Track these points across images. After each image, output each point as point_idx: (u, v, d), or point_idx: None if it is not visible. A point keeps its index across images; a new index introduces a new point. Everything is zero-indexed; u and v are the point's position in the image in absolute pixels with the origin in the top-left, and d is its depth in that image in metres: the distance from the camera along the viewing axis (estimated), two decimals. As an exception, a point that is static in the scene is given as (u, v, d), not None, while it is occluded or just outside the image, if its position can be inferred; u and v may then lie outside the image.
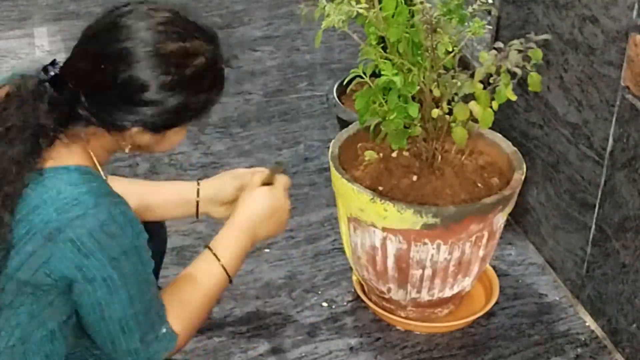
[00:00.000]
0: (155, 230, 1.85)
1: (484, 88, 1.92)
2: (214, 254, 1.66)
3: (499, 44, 1.91)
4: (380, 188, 2.05)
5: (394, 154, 2.14)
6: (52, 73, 1.48)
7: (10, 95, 1.47)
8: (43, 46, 3.70)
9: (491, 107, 1.93)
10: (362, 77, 1.98)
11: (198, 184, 1.90)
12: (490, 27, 2.49)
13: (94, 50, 1.47)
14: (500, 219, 2.05)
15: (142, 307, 1.49)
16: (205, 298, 1.63)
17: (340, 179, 2.02)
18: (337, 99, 2.83)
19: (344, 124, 2.54)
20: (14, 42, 3.73)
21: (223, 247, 1.68)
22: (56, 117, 1.45)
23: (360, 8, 1.85)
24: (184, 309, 1.58)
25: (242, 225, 1.72)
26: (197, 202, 1.89)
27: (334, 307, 2.29)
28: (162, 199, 1.89)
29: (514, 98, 1.91)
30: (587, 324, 2.24)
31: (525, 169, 2.09)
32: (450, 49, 1.90)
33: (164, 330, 1.53)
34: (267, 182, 1.80)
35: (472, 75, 1.92)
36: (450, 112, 1.98)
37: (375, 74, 1.97)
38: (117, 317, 1.46)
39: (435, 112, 1.96)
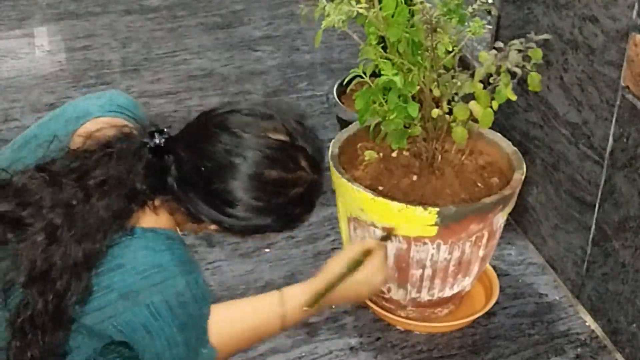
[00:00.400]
0: None
1: (484, 88, 1.92)
2: (282, 299, 1.63)
3: (499, 44, 1.91)
4: (380, 188, 2.05)
5: (394, 154, 2.14)
6: (157, 141, 1.47)
7: (111, 146, 1.45)
8: (43, 46, 3.70)
9: (491, 106, 1.93)
10: (362, 77, 1.98)
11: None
12: (490, 26, 2.49)
13: (202, 145, 1.46)
14: (500, 219, 2.05)
15: (194, 347, 1.52)
16: (251, 332, 1.62)
17: (341, 179, 2.02)
18: (337, 98, 2.83)
19: (344, 123, 2.54)
20: (14, 42, 3.73)
21: (291, 299, 1.63)
22: (149, 184, 1.45)
23: (360, 8, 1.84)
24: (229, 330, 1.59)
25: (318, 287, 1.66)
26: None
27: (333, 306, 2.28)
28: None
29: (514, 98, 1.91)
30: (587, 323, 2.24)
31: (525, 169, 2.09)
32: (450, 49, 1.90)
33: (205, 351, 1.55)
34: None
35: (472, 75, 1.92)
36: (450, 112, 1.98)
37: (375, 74, 1.97)
38: (167, 358, 1.50)
39: (435, 112, 1.96)
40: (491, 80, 1.92)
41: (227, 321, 1.60)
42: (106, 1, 4.09)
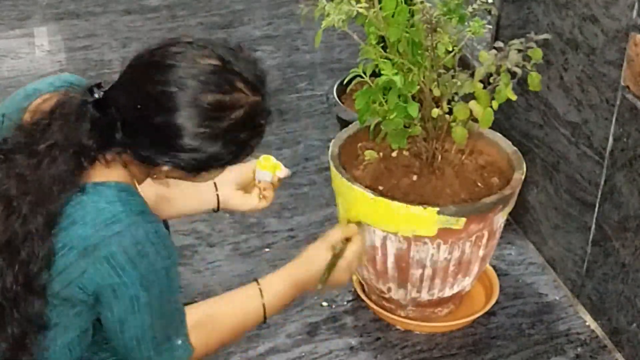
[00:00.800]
0: None
1: (484, 88, 1.92)
2: (260, 290, 1.69)
3: (499, 44, 1.91)
4: (381, 188, 2.05)
5: (394, 154, 2.14)
6: (96, 95, 1.47)
7: (54, 112, 1.46)
8: (43, 46, 3.70)
9: (491, 106, 1.93)
10: (362, 77, 1.98)
11: None
12: (490, 26, 2.48)
13: (137, 85, 1.46)
14: (500, 219, 2.05)
15: (161, 324, 1.51)
16: (234, 325, 1.66)
17: (341, 179, 2.02)
18: (337, 98, 2.83)
19: (344, 123, 2.54)
20: (14, 42, 3.73)
21: (270, 287, 1.70)
22: (97, 139, 1.45)
23: (360, 7, 1.84)
24: (210, 327, 1.61)
25: (297, 278, 1.75)
26: (215, 183, 1.88)
27: (334, 306, 2.29)
28: (179, 190, 1.89)
29: (514, 98, 1.91)
30: (587, 323, 2.24)
31: (525, 169, 2.09)
32: (450, 49, 1.90)
33: (180, 341, 1.55)
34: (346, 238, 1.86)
35: (472, 75, 1.92)
36: (450, 112, 1.98)
37: (375, 74, 1.97)
38: (134, 333, 1.49)
39: (435, 112, 1.96)
40: (491, 80, 1.92)
41: (209, 320, 1.61)
42: (106, 1, 4.09)
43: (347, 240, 1.85)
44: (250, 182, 1.93)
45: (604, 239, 2.14)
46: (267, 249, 2.49)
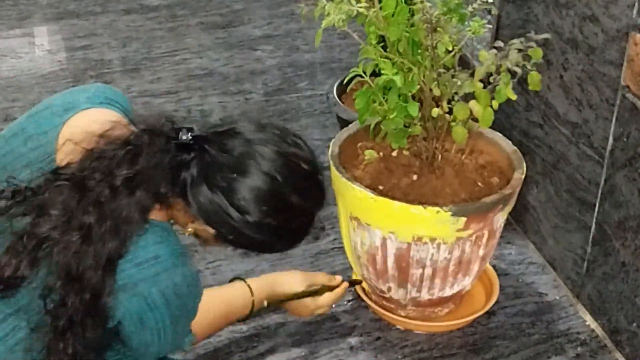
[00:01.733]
0: None
1: (484, 87, 1.92)
2: (250, 288, 1.84)
3: (499, 43, 1.91)
4: (381, 187, 2.05)
5: (394, 153, 2.14)
6: (184, 138, 1.47)
7: (137, 142, 1.46)
8: (43, 45, 3.70)
9: (491, 106, 1.93)
10: (362, 77, 1.98)
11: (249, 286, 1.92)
12: (491, 26, 2.48)
13: (231, 148, 1.48)
14: (500, 218, 2.05)
15: (179, 339, 1.59)
16: (226, 319, 1.81)
17: (341, 178, 2.02)
18: (337, 98, 2.82)
19: (344, 123, 2.54)
20: (14, 41, 3.73)
21: (257, 288, 1.87)
22: (170, 179, 1.46)
23: (360, 7, 1.84)
24: (207, 321, 1.69)
25: (274, 291, 1.92)
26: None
27: (334, 306, 2.28)
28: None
29: (514, 97, 1.91)
30: (587, 323, 2.24)
31: (525, 168, 2.09)
32: (451, 48, 1.90)
33: (187, 339, 1.62)
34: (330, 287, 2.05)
35: (472, 75, 1.92)
36: (450, 111, 1.98)
37: (376, 73, 1.97)
38: (155, 350, 1.54)
39: (435, 111, 1.96)
40: (491, 80, 1.92)
41: (206, 310, 1.65)
42: (106, 1, 4.09)
43: (330, 289, 2.03)
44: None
45: (604, 238, 2.14)
46: (267, 249, 2.49)
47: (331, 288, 2.03)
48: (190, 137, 1.48)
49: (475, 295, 2.28)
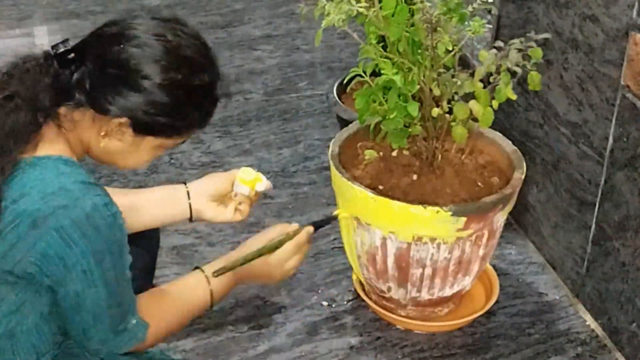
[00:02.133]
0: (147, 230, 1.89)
1: (484, 87, 1.92)
2: (206, 277, 1.75)
3: (499, 43, 1.91)
4: (381, 187, 2.05)
5: (394, 153, 2.14)
6: (61, 49, 1.49)
7: (15, 64, 1.47)
8: (43, 45, 3.68)
9: (491, 106, 1.93)
10: (362, 76, 1.98)
11: (185, 183, 1.93)
12: (491, 26, 2.48)
13: (112, 32, 1.50)
14: (500, 218, 2.05)
15: (116, 301, 1.51)
16: (184, 310, 1.71)
17: (341, 178, 2.02)
18: (337, 98, 2.82)
19: (344, 123, 2.54)
20: (14, 41, 3.73)
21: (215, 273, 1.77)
22: (53, 95, 1.45)
23: (360, 7, 1.84)
24: (160, 313, 1.64)
25: (237, 272, 1.80)
26: (188, 193, 1.89)
27: (334, 306, 2.29)
28: (148, 198, 1.89)
29: (514, 97, 1.91)
30: (587, 322, 2.24)
31: (525, 168, 2.09)
32: (451, 48, 1.90)
33: (134, 321, 1.56)
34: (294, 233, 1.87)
35: (472, 74, 1.92)
36: (450, 111, 1.98)
37: (375, 73, 1.97)
38: (91, 308, 1.48)
39: (436, 111, 1.96)
40: (491, 80, 1.92)
41: (158, 306, 1.64)
42: (106, 0, 4.09)
43: (290, 237, 1.86)
44: (227, 193, 1.92)
45: (604, 238, 2.14)
46: (267, 249, 2.49)
47: (291, 236, 1.87)
48: (68, 47, 1.49)
49: (475, 295, 2.28)
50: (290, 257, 1.86)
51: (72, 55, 1.48)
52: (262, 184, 1.91)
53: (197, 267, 1.78)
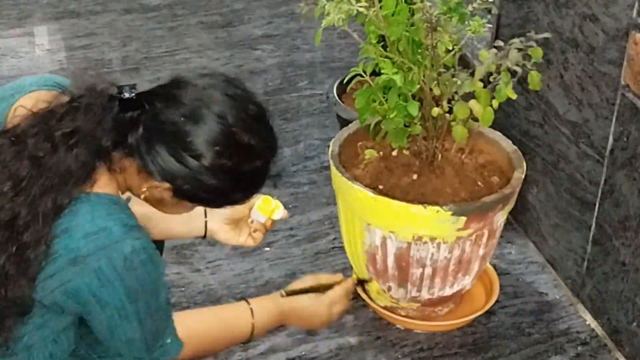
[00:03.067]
0: None
1: (484, 87, 1.92)
2: (251, 309, 1.71)
3: (499, 43, 1.91)
4: (381, 187, 2.05)
5: (394, 153, 2.14)
6: (126, 95, 1.46)
7: (81, 95, 1.45)
8: (43, 45, 3.70)
9: (491, 105, 1.93)
10: (362, 76, 1.98)
11: None
12: (491, 25, 2.49)
13: (177, 97, 1.47)
14: (500, 218, 2.05)
15: (150, 330, 1.52)
16: (221, 336, 1.70)
17: (341, 178, 2.02)
18: (337, 97, 2.82)
19: (344, 122, 2.54)
20: (14, 41, 3.73)
21: (261, 310, 1.73)
22: (113, 138, 1.44)
23: (361, 7, 1.84)
24: (198, 333, 1.63)
25: (284, 310, 1.77)
26: (205, 211, 1.89)
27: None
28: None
29: (514, 97, 1.91)
30: (587, 322, 2.25)
31: (525, 168, 2.09)
32: (451, 48, 1.90)
33: (169, 340, 1.57)
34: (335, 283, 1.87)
35: (472, 74, 1.92)
36: (450, 111, 1.98)
37: (376, 73, 1.97)
38: (125, 338, 1.50)
39: (436, 111, 1.96)
40: (491, 79, 1.92)
41: (198, 321, 1.64)
42: (106, 0, 4.09)
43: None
44: (243, 217, 1.91)
45: (604, 238, 2.14)
46: (267, 248, 2.49)
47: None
48: (134, 94, 1.47)
49: (475, 294, 2.28)
50: (338, 302, 1.84)
51: (134, 103, 1.47)
52: (279, 212, 1.92)
53: (243, 299, 1.76)
